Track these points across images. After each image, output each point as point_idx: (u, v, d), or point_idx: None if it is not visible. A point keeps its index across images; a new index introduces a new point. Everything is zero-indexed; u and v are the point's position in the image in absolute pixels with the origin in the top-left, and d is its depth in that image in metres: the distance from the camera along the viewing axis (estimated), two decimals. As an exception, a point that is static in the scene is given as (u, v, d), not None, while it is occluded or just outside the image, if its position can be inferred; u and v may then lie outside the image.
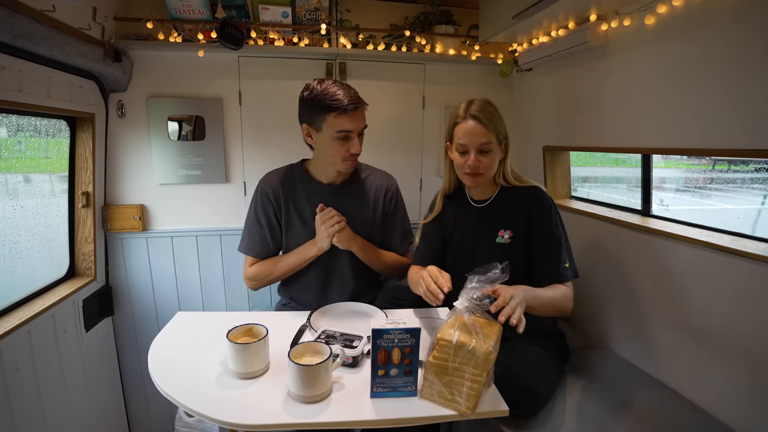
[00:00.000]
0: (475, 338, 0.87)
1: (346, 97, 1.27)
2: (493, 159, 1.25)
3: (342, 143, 1.32)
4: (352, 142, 1.33)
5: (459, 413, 0.87)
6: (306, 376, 0.87)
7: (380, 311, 1.26)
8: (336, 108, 1.27)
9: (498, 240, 1.29)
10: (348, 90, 1.30)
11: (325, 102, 1.27)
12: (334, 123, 1.29)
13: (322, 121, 1.30)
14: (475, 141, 1.22)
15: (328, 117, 1.28)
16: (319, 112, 1.29)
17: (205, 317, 1.33)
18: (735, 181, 1.65)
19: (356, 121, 1.31)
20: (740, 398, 1.11)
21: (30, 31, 1.21)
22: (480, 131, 1.22)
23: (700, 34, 1.17)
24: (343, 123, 1.29)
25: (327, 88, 1.28)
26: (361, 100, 1.31)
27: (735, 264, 1.12)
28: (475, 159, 1.23)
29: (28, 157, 1.56)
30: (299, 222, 1.44)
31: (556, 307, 1.18)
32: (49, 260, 1.65)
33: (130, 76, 1.81)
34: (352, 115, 1.29)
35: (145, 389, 1.99)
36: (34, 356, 1.36)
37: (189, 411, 0.87)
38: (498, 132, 1.25)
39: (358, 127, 1.32)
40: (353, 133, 1.32)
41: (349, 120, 1.29)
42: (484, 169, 1.25)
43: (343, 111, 1.27)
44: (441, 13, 1.99)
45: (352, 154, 1.34)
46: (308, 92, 1.31)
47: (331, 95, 1.27)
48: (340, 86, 1.30)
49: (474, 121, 1.22)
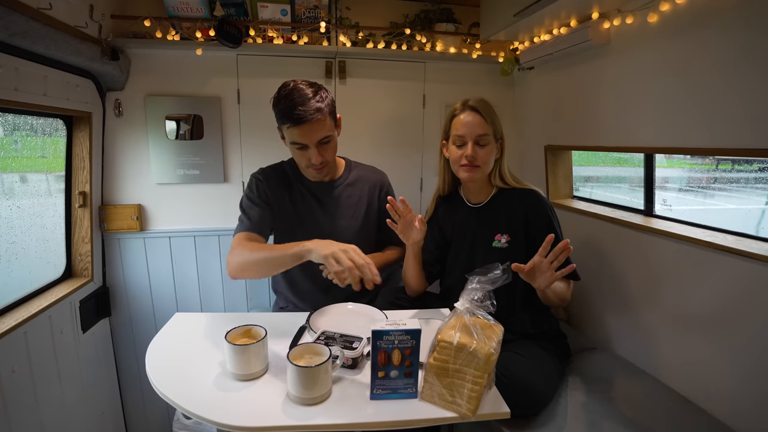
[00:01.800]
0: (476, 340, 0.86)
1: (296, 110, 1.22)
2: (489, 154, 1.25)
3: (301, 153, 1.31)
4: (310, 152, 1.30)
5: (460, 415, 0.86)
6: (305, 377, 0.86)
7: (380, 312, 1.25)
8: (286, 121, 1.26)
9: (495, 244, 1.29)
10: (305, 100, 1.23)
11: (280, 111, 1.27)
12: (288, 133, 1.29)
13: (282, 129, 1.31)
14: (473, 132, 1.24)
15: (283, 127, 1.29)
16: (278, 119, 1.30)
17: (204, 318, 1.31)
18: (739, 181, 1.64)
19: (308, 134, 1.26)
20: (744, 400, 1.10)
21: (26, 29, 1.20)
22: (478, 122, 1.24)
23: (704, 32, 1.16)
24: (294, 135, 1.27)
25: (286, 96, 1.25)
26: (315, 112, 1.23)
27: (739, 264, 1.11)
28: (472, 150, 1.23)
29: (24, 156, 1.55)
30: (291, 213, 1.43)
31: (561, 299, 1.20)
32: (46, 261, 1.64)
33: (127, 75, 1.80)
34: (301, 128, 1.25)
35: (142, 391, 1.98)
36: (30, 358, 1.35)
37: (187, 413, 0.86)
38: (495, 128, 1.26)
39: (311, 140, 1.28)
40: (309, 146, 1.29)
41: (299, 133, 1.26)
42: (481, 162, 1.25)
43: (293, 124, 1.25)
44: (441, 10, 1.98)
45: (313, 164, 1.32)
46: (274, 98, 1.30)
47: (282, 107, 1.25)
48: (300, 95, 1.24)
49: (473, 112, 1.25)
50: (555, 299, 1.18)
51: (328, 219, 1.44)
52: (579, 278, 1.25)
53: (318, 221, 1.44)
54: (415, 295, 1.42)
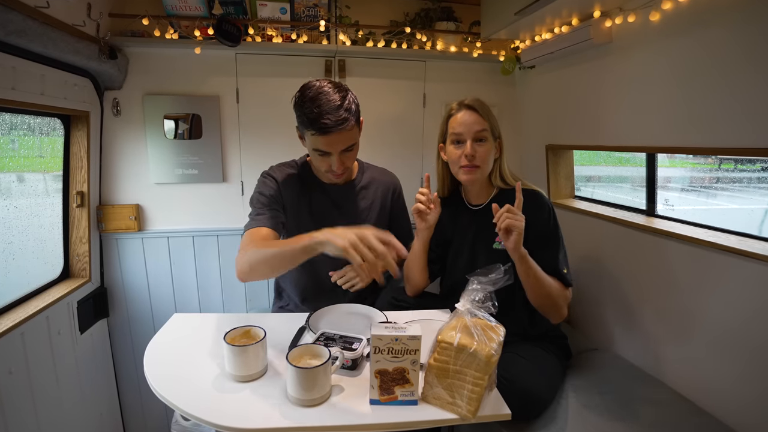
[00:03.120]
0: (476, 341, 0.86)
1: (323, 118, 1.16)
2: (488, 152, 1.24)
3: (323, 158, 1.26)
4: (332, 159, 1.25)
5: (460, 417, 0.86)
6: (304, 379, 0.85)
7: (380, 313, 1.24)
8: (310, 128, 1.20)
9: (495, 246, 1.28)
10: (333, 108, 1.17)
11: (303, 116, 1.20)
12: (311, 140, 1.23)
13: (304, 133, 1.25)
14: (471, 129, 1.23)
15: (306, 132, 1.23)
16: (300, 123, 1.24)
17: (202, 319, 1.31)
18: (742, 181, 1.64)
19: (334, 144, 1.21)
20: (748, 403, 1.09)
21: (24, 28, 1.19)
22: (476, 119, 1.23)
23: (706, 31, 1.15)
24: (318, 143, 1.22)
25: (312, 99, 1.18)
26: (343, 122, 1.18)
27: (742, 265, 1.10)
28: (471, 148, 1.22)
29: (21, 156, 1.55)
30: (307, 215, 1.40)
31: (547, 293, 1.15)
32: (43, 261, 1.63)
33: (125, 74, 1.79)
34: (327, 137, 1.19)
35: (140, 392, 1.97)
36: (27, 359, 1.34)
37: (185, 415, 0.85)
38: (493, 126, 1.25)
39: (335, 149, 1.23)
40: (332, 154, 1.24)
41: (324, 142, 1.20)
42: (480, 161, 1.23)
43: (318, 133, 1.19)
44: (442, 9, 1.97)
45: (334, 171, 1.28)
46: (296, 98, 1.24)
47: (308, 111, 1.18)
48: (327, 101, 1.17)
49: (469, 110, 1.24)
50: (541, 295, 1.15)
51: (343, 221, 1.42)
52: (570, 284, 1.22)
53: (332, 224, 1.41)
54: (415, 292, 1.41)
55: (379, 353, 0.86)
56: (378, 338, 0.85)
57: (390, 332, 0.85)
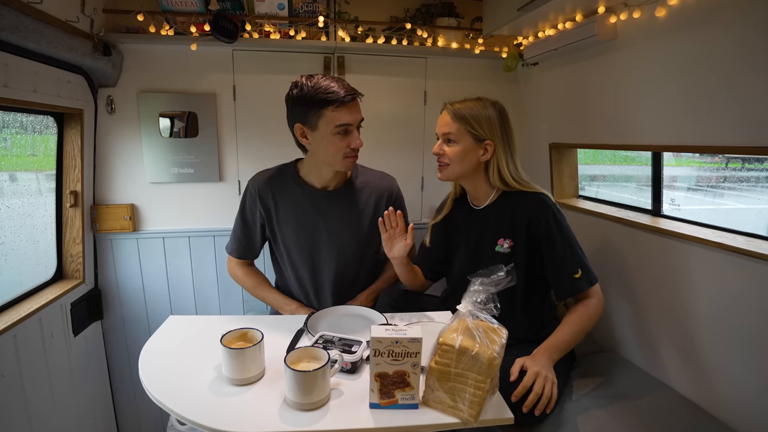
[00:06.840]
0: (478, 343, 0.85)
1: (341, 89, 1.24)
2: (457, 152, 1.26)
3: (342, 138, 1.28)
4: (352, 135, 1.29)
5: (462, 421, 0.85)
6: (303, 382, 0.85)
7: (380, 315, 1.23)
8: (333, 101, 1.23)
9: (497, 248, 1.28)
10: (341, 81, 1.27)
11: (319, 96, 1.23)
12: (332, 117, 1.24)
13: (319, 118, 1.25)
14: (440, 129, 1.29)
15: (325, 112, 1.24)
16: (314, 108, 1.24)
17: (198, 321, 1.31)
18: (749, 180, 1.62)
19: (354, 113, 1.28)
20: (754, 404, 1.07)
21: (16, 24, 1.18)
22: (447, 121, 1.27)
23: (713, 27, 1.13)
24: (341, 116, 1.25)
25: (319, 82, 1.25)
26: (356, 91, 1.28)
27: (749, 266, 1.08)
28: (439, 147, 1.29)
29: (13, 154, 1.53)
30: (291, 225, 1.40)
31: (584, 331, 1.19)
32: (36, 262, 1.62)
33: (120, 71, 1.76)
34: (350, 106, 1.26)
35: (135, 396, 1.95)
36: (20, 362, 1.33)
37: (181, 419, 0.85)
38: (473, 128, 1.24)
39: (356, 120, 1.29)
40: (353, 126, 1.29)
41: (347, 112, 1.25)
42: (448, 159, 1.27)
43: (341, 103, 1.23)
44: (443, 4, 1.95)
45: (353, 150, 1.30)
46: (298, 90, 1.26)
47: (325, 88, 1.23)
48: (332, 79, 1.27)
49: (445, 111, 1.29)
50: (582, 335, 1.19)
51: (332, 228, 1.41)
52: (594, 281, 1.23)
53: (320, 230, 1.40)
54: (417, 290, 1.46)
55: (379, 356, 0.84)
56: (378, 341, 0.84)
57: (390, 334, 0.84)
